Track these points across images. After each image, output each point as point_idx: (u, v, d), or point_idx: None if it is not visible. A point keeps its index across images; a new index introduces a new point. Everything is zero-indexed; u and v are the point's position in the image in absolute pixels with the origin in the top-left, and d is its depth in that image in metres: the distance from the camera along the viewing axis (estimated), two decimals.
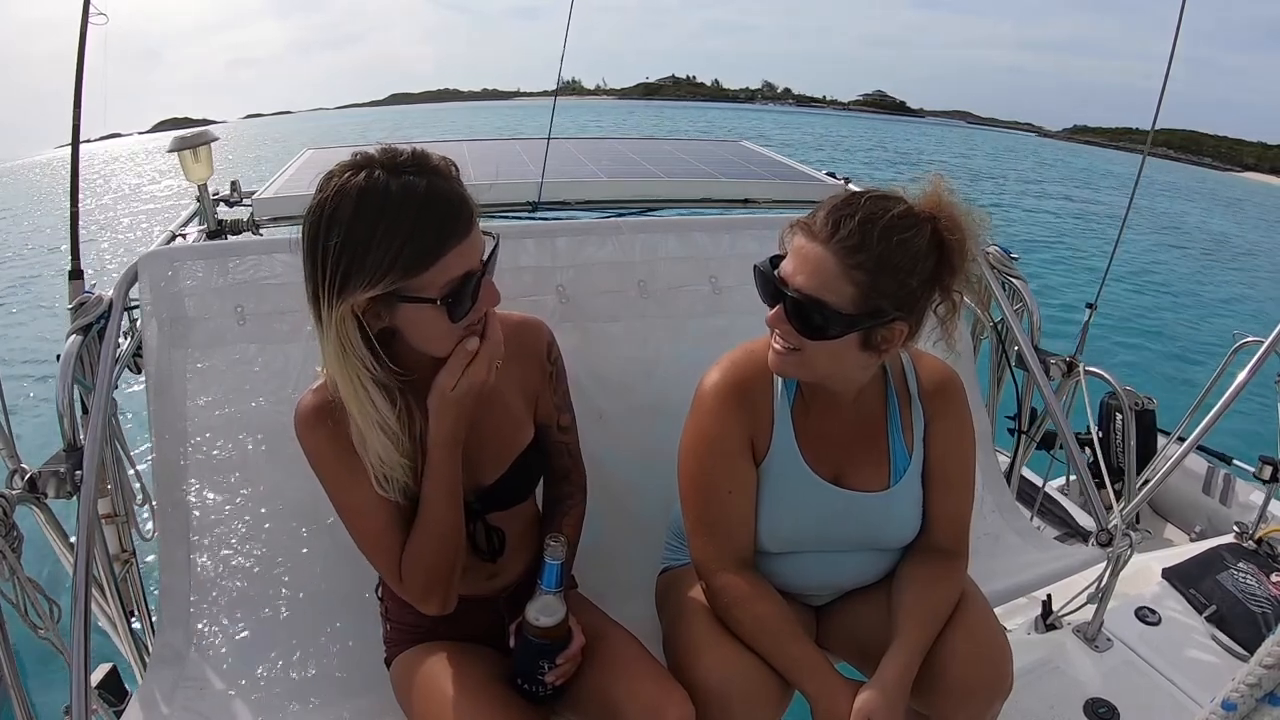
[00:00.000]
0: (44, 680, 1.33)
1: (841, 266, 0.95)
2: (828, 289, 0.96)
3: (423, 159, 0.85)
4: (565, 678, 1.03)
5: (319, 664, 1.30)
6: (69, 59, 1.44)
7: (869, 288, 0.95)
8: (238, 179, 2.22)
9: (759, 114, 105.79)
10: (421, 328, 0.90)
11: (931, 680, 1.04)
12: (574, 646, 1.03)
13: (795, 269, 0.98)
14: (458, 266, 0.86)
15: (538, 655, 1.02)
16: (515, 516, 1.13)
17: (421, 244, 0.83)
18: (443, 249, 0.84)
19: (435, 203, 0.83)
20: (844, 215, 0.95)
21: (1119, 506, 1.47)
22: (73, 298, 1.34)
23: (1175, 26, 1.70)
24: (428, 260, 0.83)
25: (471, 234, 0.87)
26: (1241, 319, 9.55)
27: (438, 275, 0.85)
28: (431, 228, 0.83)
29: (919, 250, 0.96)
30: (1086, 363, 1.72)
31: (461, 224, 0.85)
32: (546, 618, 1.01)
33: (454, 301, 0.87)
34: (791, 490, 1.12)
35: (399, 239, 0.81)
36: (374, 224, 0.81)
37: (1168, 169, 50.83)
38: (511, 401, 1.10)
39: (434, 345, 0.92)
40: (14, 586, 1.06)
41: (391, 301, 0.86)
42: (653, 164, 2.75)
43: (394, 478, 0.95)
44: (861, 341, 1.00)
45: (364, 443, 0.93)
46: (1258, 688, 0.65)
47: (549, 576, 1.00)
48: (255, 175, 2.21)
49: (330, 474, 0.98)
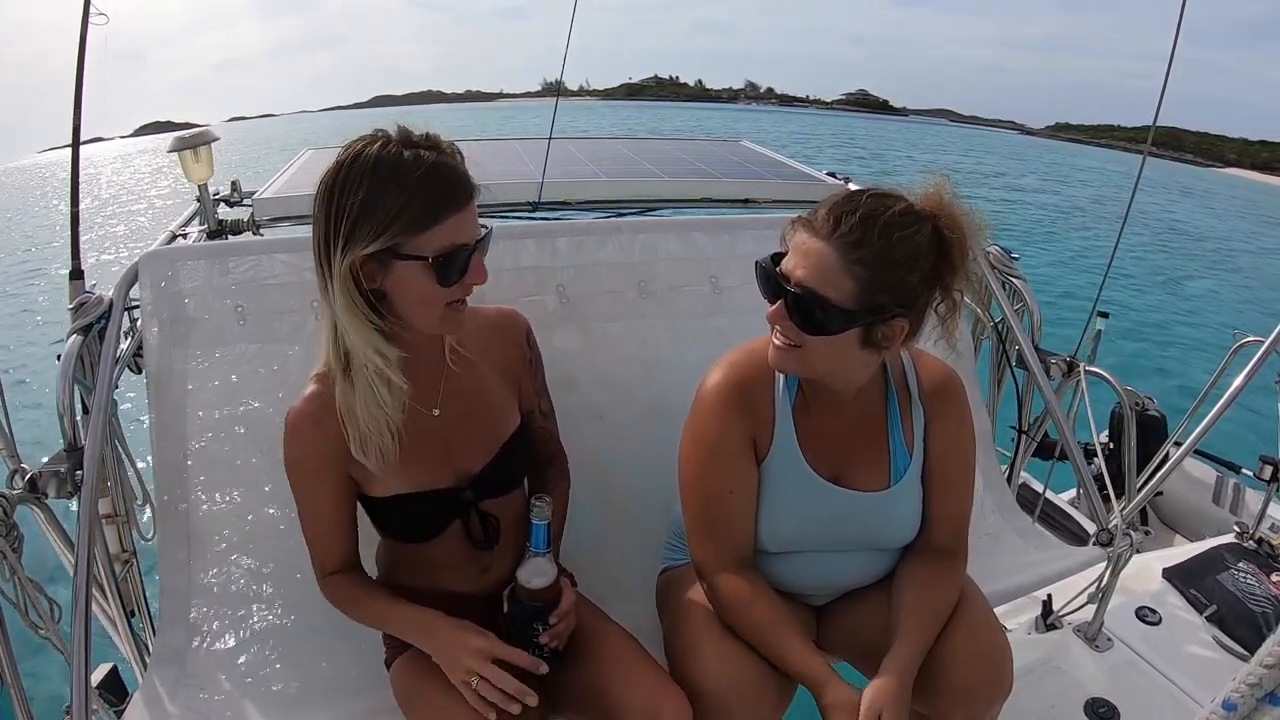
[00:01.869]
0: (40, 677, 1.33)
1: (842, 262, 0.95)
2: (828, 284, 0.96)
3: (434, 139, 0.94)
4: (560, 638, 1.05)
5: (320, 664, 1.30)
6: (44, 62, 1.40)
7: (869, 283, 0.95)
8: (238, 179, 2.22)
9: (736, 113, 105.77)
10: (411, 288, 0.95)
11: (931, 680, 1.04)
12: (565, 604, 1.05)
13: (796, 264, 0.99)
14: (452, 235, 0.92)
15: (531, 618, 1.03)
16: (506, 508, 1.14)
17: (422, 207, 0.90)
18: (440, 215, 0.91)
19: (439, 174, 0.91)
20: (845, 211, 0.96)
21: (1119, 506, 1.47)
22: (73, 297, 1.34)
23: (1175, 27, 1.69)
24: (425, 222, 0.90)
25: (468, 208, 0.94)
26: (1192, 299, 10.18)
27: (433, 238, 0.91)
28: (433, 194, 0.90)
29: (919, 247, 0.97)
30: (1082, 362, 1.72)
31: (460, 197, 0.93)
32: (538, 579, 1.02)
33: (444, 264, 0.93)
34: (792, 490, 1.12)
35: (402, 200, 0.89)
36: (384, 184, 0.89)
37: (1153, 165, 51.20)
38: (497, 389, 1.13)
39: (418, 310, 0.97)
40: (14, 586, 1.06)
41: (387, 261, 0.92)
42: (653, 164, 2.74)
43: (372, 440, 1.00)
44: (862, 338, 1.00)
45: (351, 411, 0.99)
46: (1258, 687, 0.65)
47: (537, 537, 1.02)
48: (241, 181, 2.20)
49: (300, 480, 1.05)
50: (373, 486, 1.05)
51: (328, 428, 1.00)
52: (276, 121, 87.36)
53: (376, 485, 1.05)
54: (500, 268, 1.45)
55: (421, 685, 1.06)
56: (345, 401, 0.99)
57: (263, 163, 3.49)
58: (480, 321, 1.13)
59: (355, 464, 1.02)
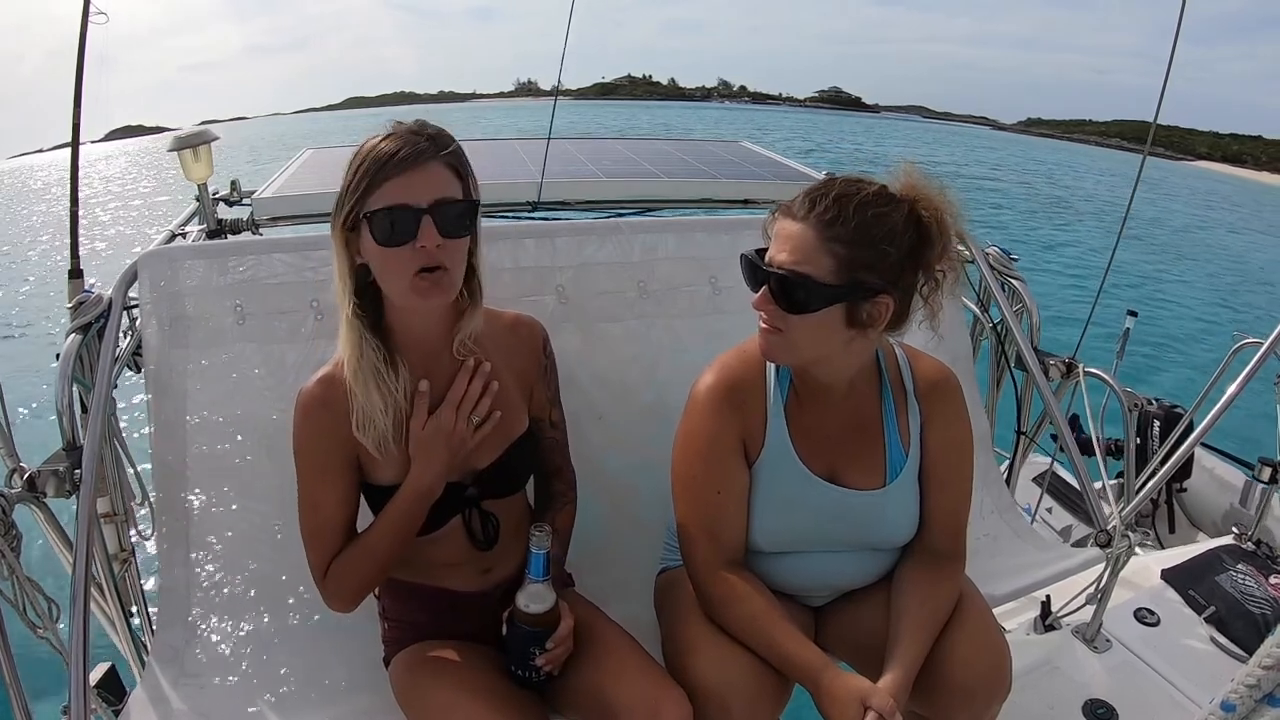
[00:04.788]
0: (39, 677, 1.33)
1: (820, 239, 0.98)
2: (808, 262, 0.99)
3: (421, 126, 0.99)
4: (557, 662, 1.06)
5: (318, 663, 1.30)
6: (17, 64, 1.39)
7: (849, 260, 0.98)
8: (238, 179, 2.22)
9: (701, 110, 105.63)
10: (370, 255, 0.98)
11: (930, 681, 1.04)
12: (563, 629, 1.05)
13: (777, 249, 1.02)
14: (393, 196, 0.95)
15: (528, 642, 1.04)
16: (508, 510, 1.14)
17: (368, 172, 0.95)
18: (382, 177, 0.94)
19: (393, 146, 0.95)
20: (820, 194, 1.01)
21: (1118, 507, 1.47)
22: (72, 297, 1.34)
23: (1175, 28, 1.70)
24: (371, 187, 0.95)
25: (413, 172, 0.95)
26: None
27: (375, 200, 0.95)
28: (380, 161, 0.95)
29: (896, 224, 1.00)
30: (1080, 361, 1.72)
31: (403, 162, 0.95)
32: (536, 605, 1.03)
33: (380, 222, 0.95)
34: (786, 487, 1.12)
35: (360, 169, 0.96)
36: (355, 163, 0.96)
37: (1121, 159, 51.59)
38: (509, 390, 1.13)
39: (387, 279, 1.00)
40: (13, 586, 1.06)
41: (357, 229, 0.98)
42: (653, 164, 2.75)
43: (372, 422, 1.01)
44: (847, 318, 1.01)
45: (353, 383, 1.02)
46: (1257, 689, 0.66)
47: (535, 565, 1.03)
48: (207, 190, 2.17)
49: (306, 463, 1.05)
50: (377, 473, 1.05)
51: (336, 408, 1.02)
52: (248, 125, 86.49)
53: (380, 471, 1.05)
54: (500, 268, 1.45)
55: (420, 682, 1.06)
56: (351, 379, 1.02)
57: (233, 167, 3.38)
58: (498, 323, 1.16)
59: (362, 449, 1.03)
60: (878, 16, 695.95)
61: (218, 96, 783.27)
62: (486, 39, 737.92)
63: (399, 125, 0.99)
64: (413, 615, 1.15)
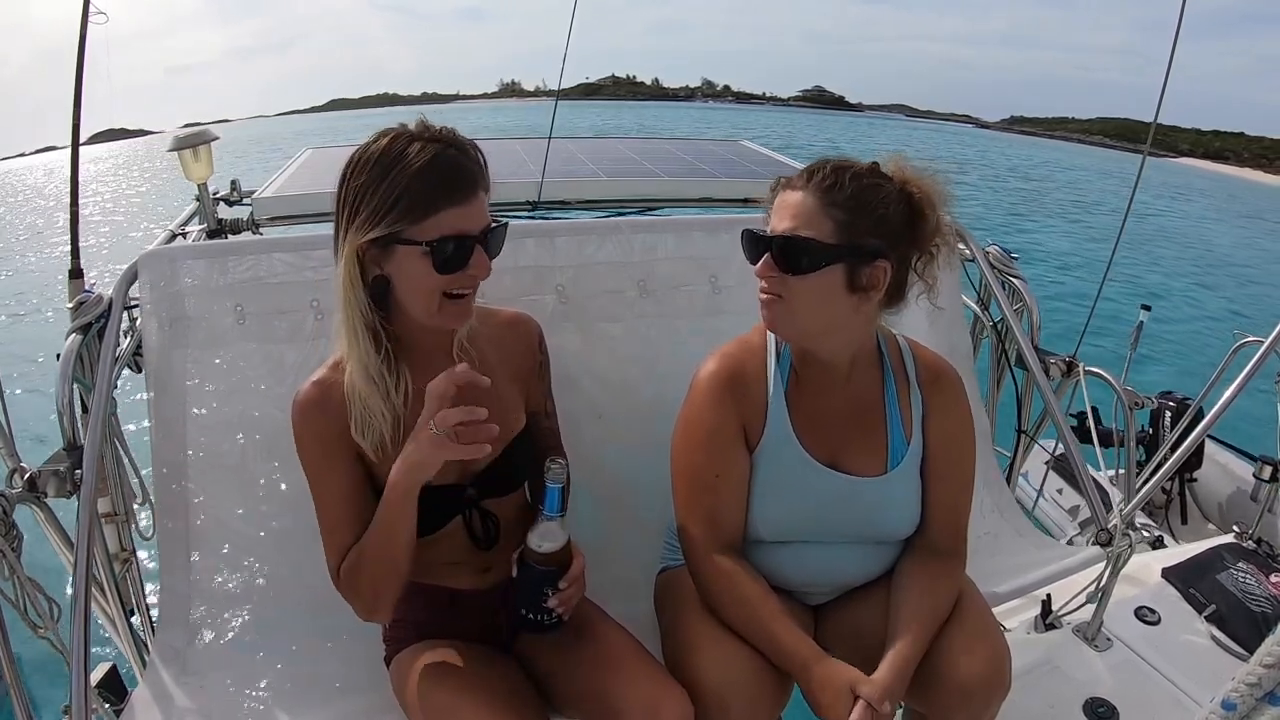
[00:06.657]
0: (39, 676, 1.33)
1: (820, 205, 1.03)
2: (809, 225, 1.02)
3: (449, 134, 0.96)
4: (569, 603, 1.05)
5: (318, 662, 1.30)
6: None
7: (848, 224, 1.02)
8: (237, 178, 2.22)
9: (683, 110, 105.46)
10: (410, 275, 0.96)
11: (930, 680, 1.04)
12: (576, 568, 1.04)
13: (778, 219, 1.06)
14: (451, 225, 0.93)
15: (541, 583, 1.02)
16: (507, 508, 1.14)
17: (420, 195, 0.92)
18: (439, 205, 0.92)
19: (443, 165, 0.93)
20: (818, 167, 1.06)
21: (1119, 505, 1.47)
22: (72, 296, 1.34)
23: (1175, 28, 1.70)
24: (424, 211, 0.92)
25: (471, 202, 0.95)
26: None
27: (431, 227, 0.93)
28: (431, 183, 0.92)
29: (890, 195, 1.04)
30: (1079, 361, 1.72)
31: (462, 190, 0.94)
32: (549, 543, 1.01)
33: (441, 251, 0.93)
34: (787, 474, 1.13)
35: (402, 187, 0.91)
36: (387, 171, 0.92)
37: (1107, 156, 51.59)
38: (506, 389, 1.13)
39: (418, 299, 0.98)
40: (14, 586, 1.06)
41: (389, 246, 0.94)
42: (653, 164, 2.75)
43: (372, 425, 1.01)
44: (847, 281, 1.03)
45: (354, 387, 1.01)
46: (1257, 687, 0.66)
47: (550, 500, 1.01)
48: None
49: (311, 462, 1.04)
50: (379, 473, 1.05)
51: (332, 410, 1.01)
52: (232, 127, 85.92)
53: (381, 472, 1.04)
54: (500, 267, 1.44)
55: (420, 682, 1.06)
56: (350, 383, 1.01)
57: (220, 169, 3.27)
58: (494, 323, 1.15)
59: (363, 451, 1.03)
60: (863, 15, 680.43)
61: (200, 99, 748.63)
62: (475, 40, 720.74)
63: (425, 129, 0.95)
64: (413, 615, 1.15)
